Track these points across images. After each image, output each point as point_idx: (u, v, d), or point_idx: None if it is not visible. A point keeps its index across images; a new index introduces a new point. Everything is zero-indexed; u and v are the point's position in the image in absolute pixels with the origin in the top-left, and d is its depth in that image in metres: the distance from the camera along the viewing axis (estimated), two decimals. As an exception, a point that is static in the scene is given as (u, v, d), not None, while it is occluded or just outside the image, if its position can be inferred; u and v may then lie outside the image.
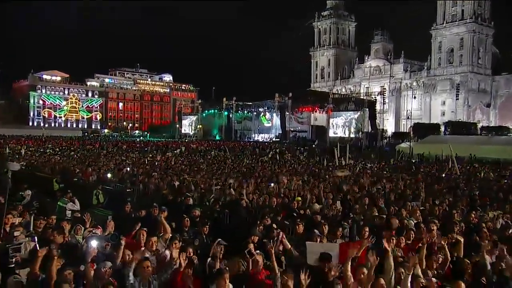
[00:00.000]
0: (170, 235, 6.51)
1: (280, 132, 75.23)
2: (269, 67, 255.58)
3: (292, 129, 74.52)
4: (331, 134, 68.00)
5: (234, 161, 27.56)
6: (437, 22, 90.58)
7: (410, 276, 4.87)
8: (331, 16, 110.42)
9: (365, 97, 70.40)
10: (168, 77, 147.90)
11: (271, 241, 5.81)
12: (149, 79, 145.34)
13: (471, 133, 61.20)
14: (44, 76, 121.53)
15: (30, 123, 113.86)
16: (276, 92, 77.70)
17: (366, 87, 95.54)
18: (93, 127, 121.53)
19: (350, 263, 5.06)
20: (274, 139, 73.32)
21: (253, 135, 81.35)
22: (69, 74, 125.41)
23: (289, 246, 5.96)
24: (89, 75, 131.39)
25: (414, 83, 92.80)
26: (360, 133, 65.67)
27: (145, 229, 6.55)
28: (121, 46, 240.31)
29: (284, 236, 6.09)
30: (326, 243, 6.42)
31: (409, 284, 4.86)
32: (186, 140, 71.95)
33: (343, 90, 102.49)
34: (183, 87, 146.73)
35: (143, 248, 6.02)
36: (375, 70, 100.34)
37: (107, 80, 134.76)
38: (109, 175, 17.74)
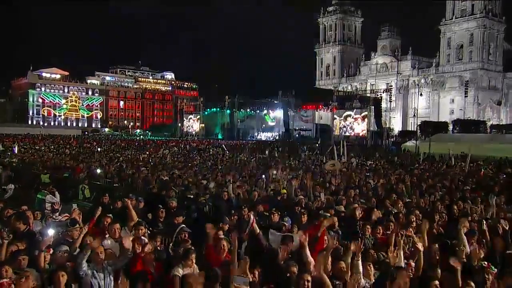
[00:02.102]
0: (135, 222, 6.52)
1: (284, 130, 75.24)
2: (273, 65, 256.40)
3: (296, 128, 74.53)
4: (335, 132, 67.87)
5: (231, 158, 27.60)
6: (446, 17, 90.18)
7: (359, 261, 4.90)
8: (337, 11, 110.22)
9: (370, 95, 69.99)
10: (170, 75, 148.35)
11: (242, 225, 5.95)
12: (151, 77, 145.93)
13: (481, 131, 60.84)
14: (44, 74, 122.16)
15: (29, 122, 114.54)
16: (280, 89, 77.98)
17: (372, 85, 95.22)
18: (93, 126, 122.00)
19: (307, 246, 5.09)
20: (277, 138, 73.30)
21: (256, 134, 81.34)
22: (69, 72, 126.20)
23: (258, 230, 6.02)
24: (89, 73, 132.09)
25: (422, 80, 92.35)
26: (366, 131, 65.41)
27: (110, 215, 6.58)
28: (122, 44, 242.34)
29: (255, 221, 6.14)
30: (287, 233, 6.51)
31: (360, 268, 4.86)
32: (187, 139, 72.12)
33: (349, 87, 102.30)
34: (185, 85, 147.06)
35: (107, 235, 6.04)
36: (382, 67, 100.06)
37: (107, 78, 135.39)
38: (98, 171, 17.80)
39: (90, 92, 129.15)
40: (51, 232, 5.37)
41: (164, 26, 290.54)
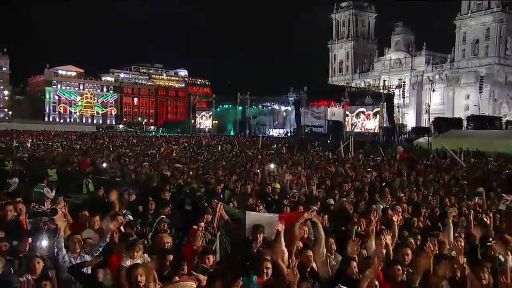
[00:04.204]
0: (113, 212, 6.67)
1: (295, 127, 75.06)
2: (285, 61, 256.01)
3: (309, 124, 74.34)
4: (347, 128, 67.48)
5: (238, 154, 27.74)
6: (462, 12, 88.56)
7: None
8: (350, 7, 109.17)
9: (382, 91, 69.28)
10: (183, 72, 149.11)
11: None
12: (164, 74, 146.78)
13: (496, 127, 59.80)
14: (60, 72, 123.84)
15: (46, 119, 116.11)
16: (292, 86, 77.83)
17: (385, 81, 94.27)
18: (108, 122, 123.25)
19: (282, 236, 5.15)
20: (289, 134, 73.25)
21: (268, 130, 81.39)
22: (84, 70, 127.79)
23: (227, 217, 6.14)
24: (103, 70, 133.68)
25: (437, 76, 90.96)
26: (378, 127, 64.87)
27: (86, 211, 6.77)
28: (136, 42, 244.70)
29: (222, 208, 6.27)
30: (266, 214, 6.62)
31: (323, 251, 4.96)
32: (199, 135, 72.58)
33: (362, 83, 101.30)
34: (198, 82, 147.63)
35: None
36: (395, 63, 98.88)
37: (122, 75, 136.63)
38: (104, 165, 18.06)
39: (105, 89, 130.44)
40: (44, 243, 5.48)
41: (176, 24, 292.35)
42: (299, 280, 4.52)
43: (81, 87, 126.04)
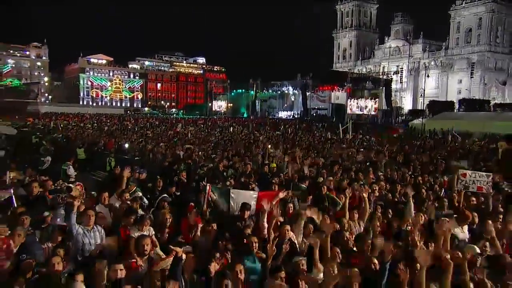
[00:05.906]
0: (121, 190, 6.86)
1: (302, 109, 74.65)
2: (294, 49, 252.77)
3: (315, 107, 73.87)
4: (349, 111, 66.82)
5: (248, 134, 27.85)
6: (456, 3, 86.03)
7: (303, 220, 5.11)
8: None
9: (382, 76, 68.17)
10: (201, 60, 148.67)
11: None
12: (184, 62, 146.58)
13: (485, 110, 58.63)
14: (92, 60, 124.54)
15: (81, 102, 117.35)
16: (299, 72, 77.09)
17: (384, 67, 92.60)
18: (135, 106, 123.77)
19: (266, 214, 5.26)
20: (296, 116, 72.98)
21: (277, 113, 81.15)
22: (113, 58, 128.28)
23: (214, 197, 6.27)
24: (130, 58, 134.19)
25: (432, 63, 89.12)
26: (377, 110, 64.10)
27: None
28: (159, 31, 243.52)
29: (211, 189, 6.39)
30: (247, 191, 6.72)
31: (301, 227, 5.08)
32: (215, 117, 72.81)
33: (364, 70, 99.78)
34: (215, 69, 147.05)
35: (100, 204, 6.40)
36: (394, 50, 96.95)
37: (146, 63, 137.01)
38: (126, 145, 18.35)
39: (131, 76, 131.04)
40: (60, 217, 5.66)
41: (177, 24, 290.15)
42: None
43: (111, 74, 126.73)
